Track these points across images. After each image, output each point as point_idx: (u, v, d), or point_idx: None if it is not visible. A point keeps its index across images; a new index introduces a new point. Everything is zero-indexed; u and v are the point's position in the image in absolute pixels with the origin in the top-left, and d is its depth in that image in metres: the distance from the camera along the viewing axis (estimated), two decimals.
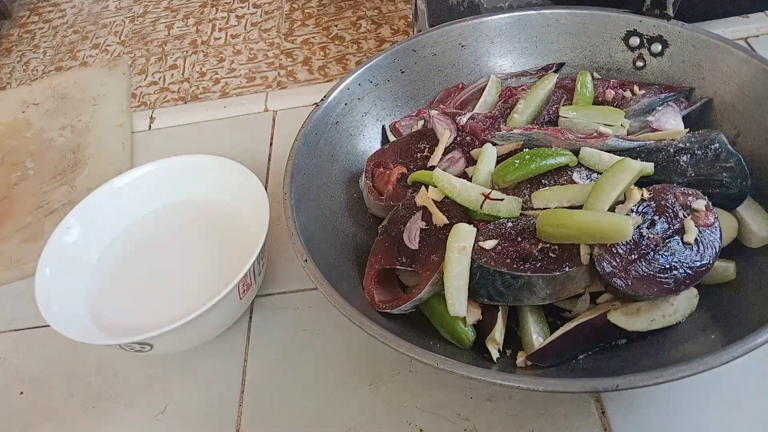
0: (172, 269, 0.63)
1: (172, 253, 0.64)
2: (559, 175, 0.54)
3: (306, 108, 0.82)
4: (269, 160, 0.77)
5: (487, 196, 0.52)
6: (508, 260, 0.47)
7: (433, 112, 0.65)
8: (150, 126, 0.86)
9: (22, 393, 0.59)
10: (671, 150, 0.54)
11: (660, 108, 0.60)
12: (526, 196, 0.53)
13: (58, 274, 0.59)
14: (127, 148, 0.79)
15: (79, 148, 0.78)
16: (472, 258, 0.48)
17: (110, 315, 0.59)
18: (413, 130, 0.66)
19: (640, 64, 0.66)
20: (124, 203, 0.66)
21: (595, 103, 0.63)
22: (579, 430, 0.49)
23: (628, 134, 0.59)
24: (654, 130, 0.58)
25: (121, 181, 0.65)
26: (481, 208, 0.52)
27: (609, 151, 0.55)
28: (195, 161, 0.67)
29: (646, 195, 0.49)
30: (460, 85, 0.70)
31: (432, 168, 0.58)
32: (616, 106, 0.62)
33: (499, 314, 0.49)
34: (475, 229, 0.50)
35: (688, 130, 0.57)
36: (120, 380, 0.59)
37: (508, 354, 0.50)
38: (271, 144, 0.79)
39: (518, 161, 0.54)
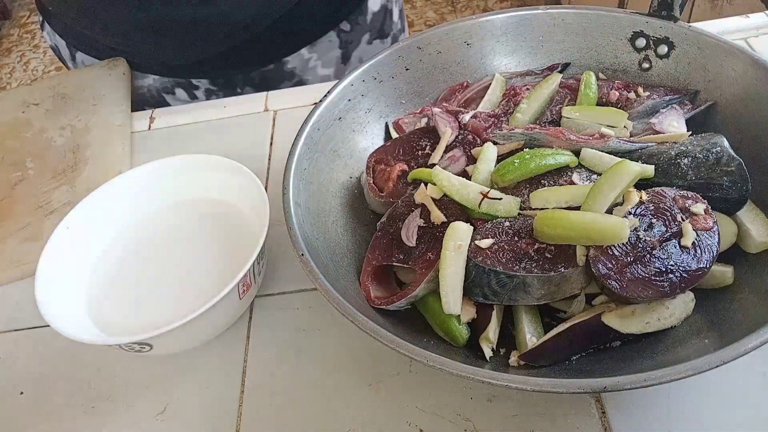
0: (171, 269, 0.66)
1: (171, 253, 0.68)
2: (559, 175, 0.57)
3: (306, 108, 0.86)
4: (269, 160, 0.80)
5: (485, 195, 0.56)
6: (503, 259, 0.50)
7: (436, 110, 0.68)
8: (150, 126, 0.89)
9: (22, 393, 0.62)
10: (672, 153, 0.57)
11: (663, 110, 0.64)
12: (525, 196, 0.56)
13: (58, 274, 0.62)
14: (127, 148, 0.83)
15: (79, 148, 0.82)
16: (468, 256, 0.51)
17: (110, 315, 0.62)
18: (416, 128, 0.70)
19: (646, 65, 0.70)
20: (124, 203, 0.69)
21: (600, 104, 0.67)
22: (579, 430, 0.52)
23: (630, 136, 0.62)
24: (656, 132, 0.62)
25: (121, 181, 0.69)
26: (479, 206, 0.56)
27: (610, 153, 0.58)
28: (195, 161, 0.70)
29: (645, 197, 0.53)
30: (465, 83, 0.74)
31: (433, 166, 0.61)
32: (619, 108, 0.65)
33: (494, 313, 0.52)
34: (472, 227, 0.54)
35: (690, 132, 0.60)
36: (120, 380, 0.62)
37: (501, 353, 0.53)
38: (271, 144, 0.83)
39: (518, 161, 0.57)
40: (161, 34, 0.88)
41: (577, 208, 0.53)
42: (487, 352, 0.52)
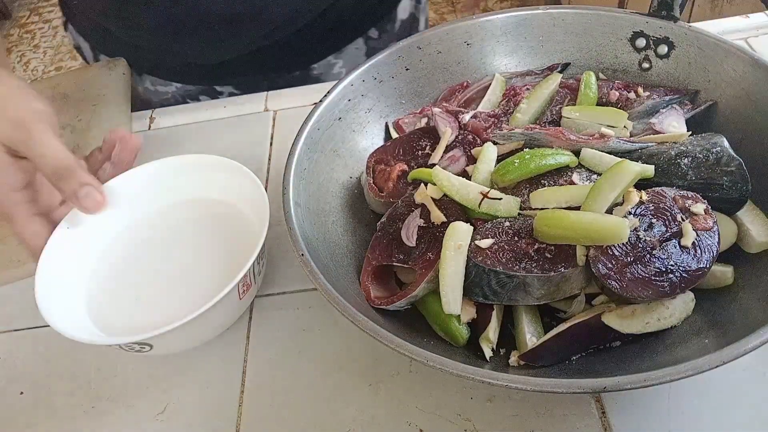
0: (172, 269, 0.66)
1: (172, 253, 0.67)
2: (559, 175, 0.57)
3: (306, 108, 0.86)
4: (269, 160, 0.81)
5: (485, 195, 0.56)
6: (503, 260, 0.50)
7: (436, 110, 0.68)
8: (150, 126, 0.90)
9: (22, 393, 0.62)
10: (672, 153, 0.57)
11: (663, 110, 0.64)
12: (525, 196, 0.56)
13: (58, 274, 0.62)
14: None
15: (79, 148, 0.82)
16: (468, 256, 0.52)
17: (110, 315, 0.62)
18: (416, 128, 0.70)
19: (646, 65, 0.70)
20: (124, 203, 0.69)
21: (600, 104, 0.67)
22: (579, 430, 0.52)
23: (630, 136, 0.63)
24: (656, 132, 0.62)
25: (121, 181, 0.69)
26: (479, 206, 0.56)
27: (610, 153, 0.58)
28: (195, 161, 0.70)
29: (645, 197, 0.53)
30: (465, 83, 0.74)
31: (433, 166, 0.61)
32: (619, 108, 0.65)
33: (494, 313, 0.53)
34: (472, 227, 0.54)
35: (690, 132, 0.60)
36: (120, 380, 0.62)
37: (501, 353, 0.53)
38: (271, 144, 0.83)
39: (518, 161, 0.57)
40: (192, 30, 0.87)
41: (577, 208, 0.53)
42: (487, 352, 0.52)
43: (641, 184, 0.55)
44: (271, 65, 0.95)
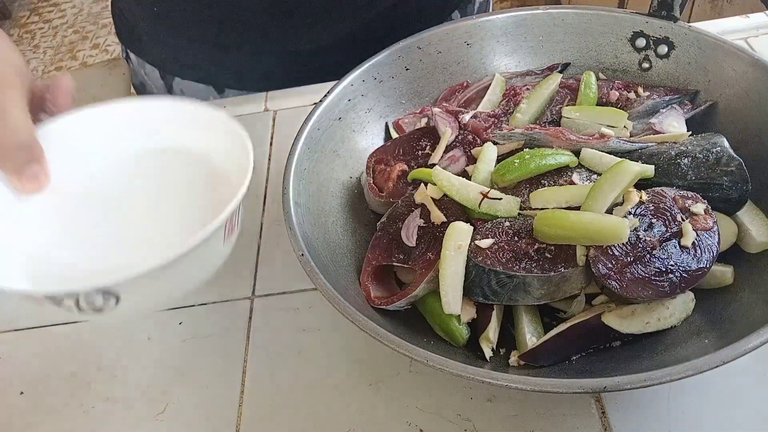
0: (143, 222, 0.56)
1: (142, 206, 0.57)
2: (559, 175, 0.57)
3: (306, 108, 0.85)
4: (269, 160, 0.80)
5: (485, 195, 0.56)
6: (503, 259, 0.50)
7: (436, 110, 0.68)
8: None
9: (22, 393, 0.62)
10: (672, 153, 0.57)
11: (663, 110, 0.64)
12: (525, 196, 0.56)
13: None
14: None
15: None
16: (468, 256, 0.52)
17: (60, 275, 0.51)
18: (416, 128, 0.70)
19: (646, 65, 0.70)
20: (77, 149, 0.57)
21: (600, 104, 0.67)
22: (579, 430, 0.52)
23: (630, 136, 0.63)
24: (656, 132, 0.62)
25: (75, 121, 0.56)
26: (479, 206, 0.56)
27: (610, 153, 0.58)
28: (169, 107, 0.59)
29: (645, 197, 0.53)
30: (465, 83, 0.74)
31: (433, 166, 0.62)
32: (619, 108, 0.65)
33: (494, 313, 0.53)
34: (472, 227, 0.54)
35: (690, 132, 0.60)
36: (120, 380, 0.62)
37: (501, 353, 0.53)
38: (271, 144, 0.83)
39: (518, 161, 0.57)
40: (293, 11, 0.85)
41: (577, 208, 0.53)
42: (487, 352, 0.52)
43: (641, 184, 0.55)
44: (356, 53, 0.92)
